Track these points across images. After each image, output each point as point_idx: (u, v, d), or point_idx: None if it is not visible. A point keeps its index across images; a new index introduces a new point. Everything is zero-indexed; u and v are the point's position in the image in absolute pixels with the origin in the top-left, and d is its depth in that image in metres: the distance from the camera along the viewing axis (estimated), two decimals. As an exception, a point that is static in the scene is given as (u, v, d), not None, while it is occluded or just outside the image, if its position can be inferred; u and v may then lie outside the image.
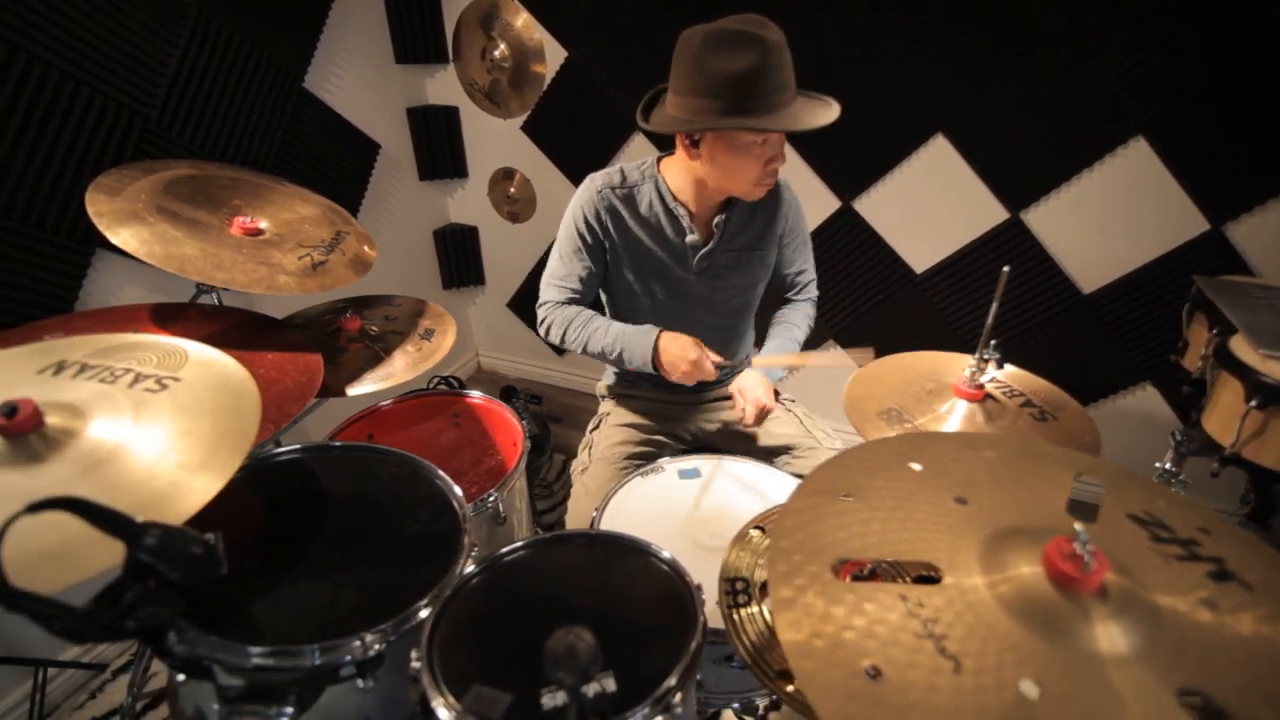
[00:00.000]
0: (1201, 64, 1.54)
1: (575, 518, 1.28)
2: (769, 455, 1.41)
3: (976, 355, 1.00)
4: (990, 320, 0.95)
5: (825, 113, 1.15)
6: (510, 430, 1.44)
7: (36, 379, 0.84)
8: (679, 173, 1.29)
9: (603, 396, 1.59)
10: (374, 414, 1.45)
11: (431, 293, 2.68)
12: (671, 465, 1.26)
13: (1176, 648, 0.56)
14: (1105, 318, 1.89)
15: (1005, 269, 0.92)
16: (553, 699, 0.61)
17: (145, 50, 1.53)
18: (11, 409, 0.72)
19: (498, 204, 2.55)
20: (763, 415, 1.32)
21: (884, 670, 0.51)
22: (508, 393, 2.50)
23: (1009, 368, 1.10)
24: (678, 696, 0.63)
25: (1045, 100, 1.70)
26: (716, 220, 1.31)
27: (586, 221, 1.30)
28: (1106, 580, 0.58)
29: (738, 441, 1.46)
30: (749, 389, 1.33)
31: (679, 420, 1.49)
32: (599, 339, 1.31)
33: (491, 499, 1.18)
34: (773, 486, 1.22)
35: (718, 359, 1.26)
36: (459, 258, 2.68)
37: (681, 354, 1.24)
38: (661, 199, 1.31)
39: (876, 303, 2.13)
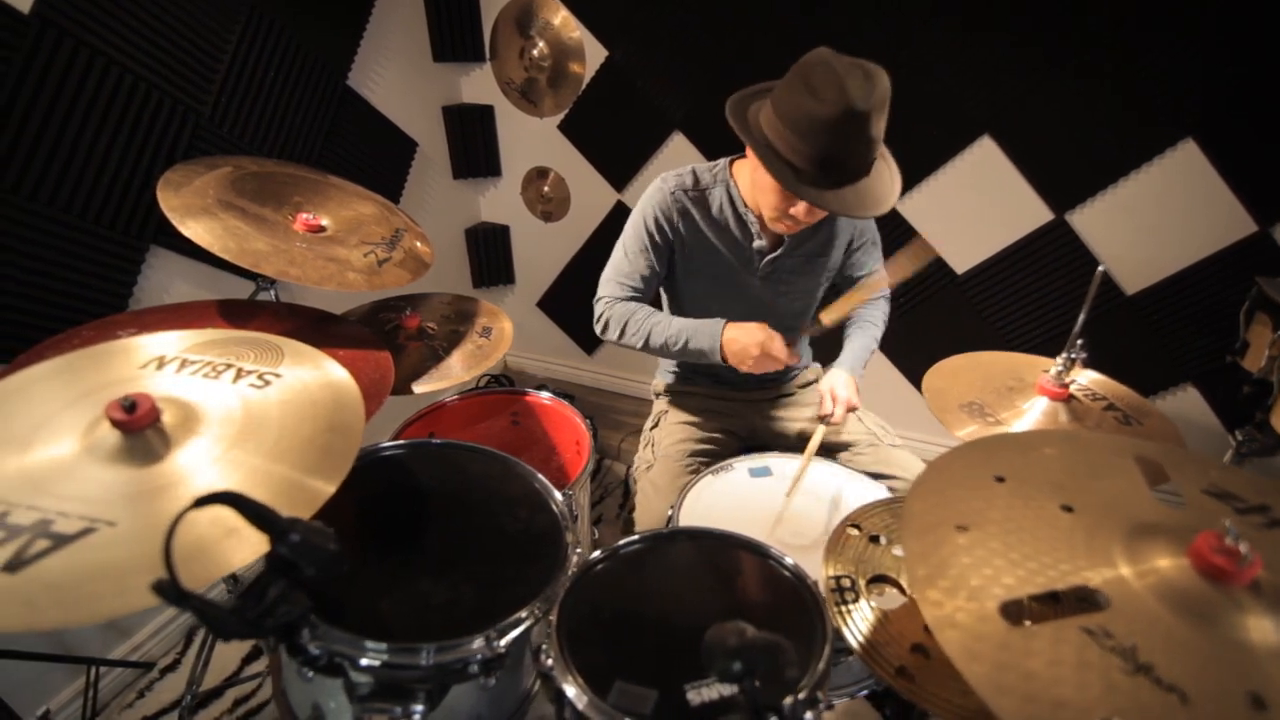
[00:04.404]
0: (1251, 65, 1.55)
1: (645, 516, 1.27)
2: (828, 452, 1.41)
3: (1064, 354, 1.00)
4: (1081, 321, 0.96)
5: (871, 205, 1.10)
6: (570, 429, 1.43)
7: (140, 374, 0.83)
8: (750, 179, 1.29)
9: (658, 395, 1.59)
10: (433, 412, 1.44)
11: (462, 291, 2.67)
12: (741, 464, 1.25)
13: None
14: (1148, 319, 1.90)
15: (1101, 268, 0.92)
16: (699, 694, 0.61)
17: (201, 47, 1.53)
18: (131, 404, 0.72)
19: (531, 203, 2.55)
20: (849, 412, 1.35)
21: None
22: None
23: (1090, 372, 1.11)
24: (820, 693, 0.63)
25: (1095, 103, 1.70)
26: None
27: (657, 221, 1.30)
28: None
29: (796, 439, 1.46)
30: (838, 387, 1.35)
31: (737, 417, 1.49)
32: (661, 332, 1.29)
33: (566, 497, 1.17)
34: (847, 484, 1.23)
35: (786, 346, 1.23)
36: (490, 256, 2.67)
37: (750, 341, 1.22)
38: (732, 203, 1.31)
39: (917, 303, 2.13)
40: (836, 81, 1.00)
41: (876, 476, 1.31)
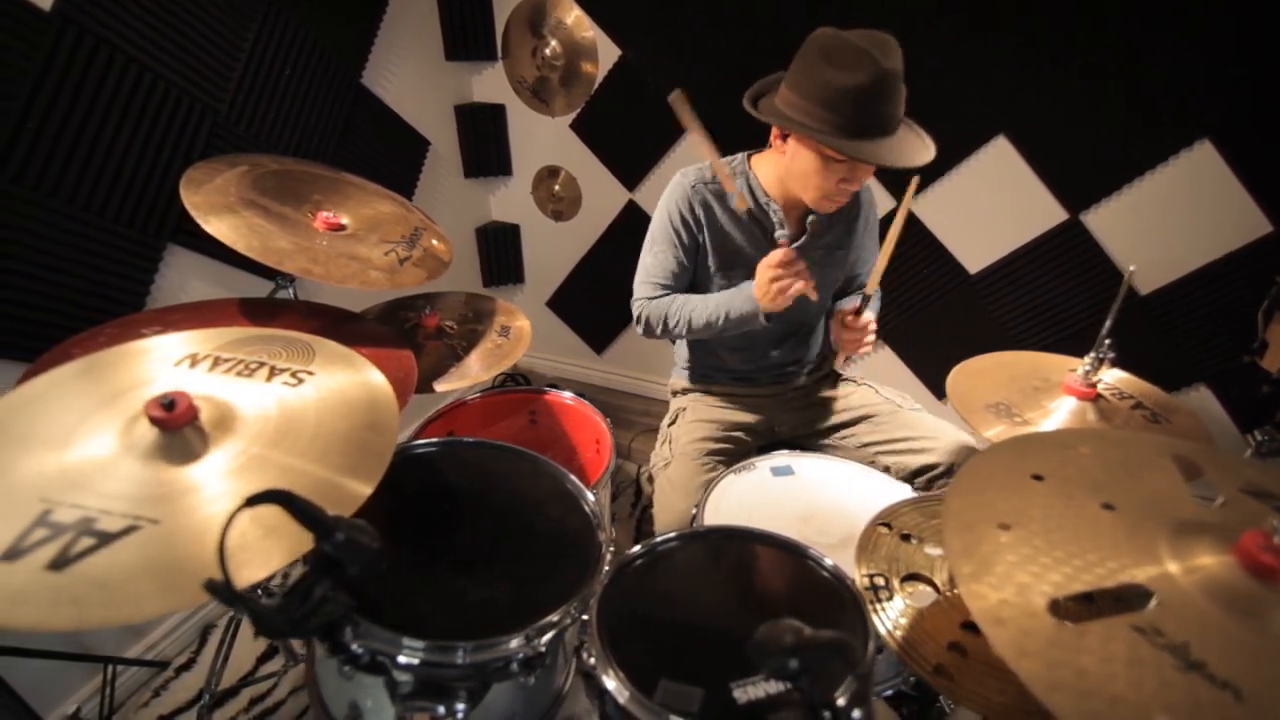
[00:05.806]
0: (1266, 65, 1.55)
1: (664, 512, 1.27)
2: (850, 425, 1.43)
3: (1092, 354, 1.00)
4: (1110, 320, 0.96)
5: (918, 153, 1.14)
6: (590, 428, 1.43)
7: (174, 372, 0.83)
8: (770, 170, 1.30)
9: (675, 394, 1.59)
10: (452, 411, 1.44)
11: (472, 290, 2.67)
12: (763, 463, 1.25)
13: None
14: (1162, 319, 1.90)
15: (1131, 268, 0.92)
16: (745, 692, 0.61)
17: (218, 45, 1.53)
18: (170, 402, 0.71)
19: (541, 202, 2.55)
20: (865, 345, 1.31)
21: None
22: (550, 391, 2.49)
23: (1116, 371, 1.11)
24: (867, 690, 0.63)
25: (1111, 103, 1.70)
26: (810, 219, 1.32)
27: (681, 216, 1.30)
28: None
29: (816, 419, 1.47)
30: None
31: (754, 414, 1.49)
32: (701, 313, 1.30)
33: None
34: (868, 481, 1.23)
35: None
36: (499, 256, 2.67)
37: (762, 278, 1.20)
38: (753, 194, 1.31)
39: (930, 303, 2.13)
40: (861, 51, 1.06)
41: (902, 441, 1.33)
